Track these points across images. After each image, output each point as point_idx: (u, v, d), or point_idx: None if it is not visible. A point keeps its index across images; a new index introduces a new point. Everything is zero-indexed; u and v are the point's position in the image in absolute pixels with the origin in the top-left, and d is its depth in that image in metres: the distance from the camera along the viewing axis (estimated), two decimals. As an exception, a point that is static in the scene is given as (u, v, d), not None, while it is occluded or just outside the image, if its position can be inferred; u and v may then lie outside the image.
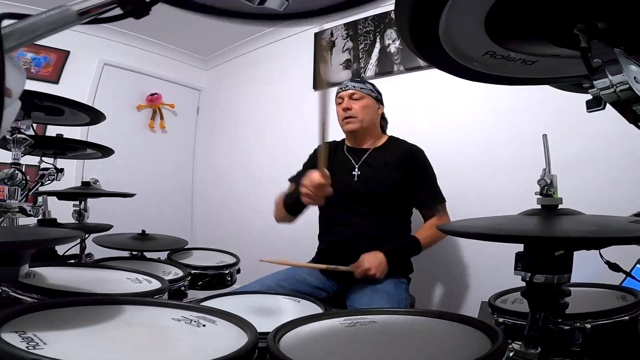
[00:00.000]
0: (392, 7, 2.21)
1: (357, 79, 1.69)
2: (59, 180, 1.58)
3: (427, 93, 2.16)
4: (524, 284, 0.67)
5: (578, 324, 0.77)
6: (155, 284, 1.03)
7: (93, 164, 2.73)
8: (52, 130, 2.15)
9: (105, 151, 1.63)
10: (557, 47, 0.57)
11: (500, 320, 0.88)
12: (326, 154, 1.15)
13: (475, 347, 0.60)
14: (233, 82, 3.32)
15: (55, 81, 2.69)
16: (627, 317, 0.80)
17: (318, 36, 2.70)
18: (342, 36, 2.57)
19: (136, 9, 0.45)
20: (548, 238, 0.62)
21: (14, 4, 2.35)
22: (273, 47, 3.03)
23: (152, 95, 3.19)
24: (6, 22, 0.39)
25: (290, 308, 1.04)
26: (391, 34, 2.34)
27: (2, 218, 1.15)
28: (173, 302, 0.79)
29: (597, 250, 0.80)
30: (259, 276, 1.54)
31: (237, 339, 0.62)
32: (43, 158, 1.57)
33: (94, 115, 1.48)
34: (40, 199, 1.49)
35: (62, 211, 1.64)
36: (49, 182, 1.55)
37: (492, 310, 0.91)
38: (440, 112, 2.11)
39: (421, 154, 1.57)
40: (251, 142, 3.09)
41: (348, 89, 1.59)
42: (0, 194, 1.90)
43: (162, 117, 3.26)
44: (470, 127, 1.99)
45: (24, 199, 1.28)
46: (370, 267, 1.33)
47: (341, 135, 1.70)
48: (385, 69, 2.35)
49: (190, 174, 3.50)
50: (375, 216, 1.50)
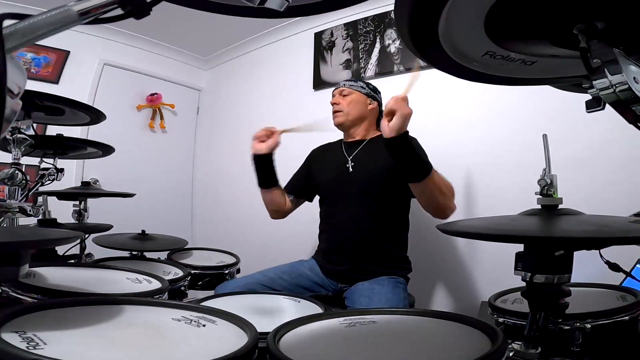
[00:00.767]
0: (392, 7, 2.21)
1: (352, 79, 1.74)
2: (59, 180, 1.58)
3: (427, 93, 2.16)
4: (524, 284, 0.67)
5: (578, 324, 0.77)
6: (155, 284, 1.03)
7: (93, 164, 2.72)
8: (52, 130, 2.15)
9: (105, 149, 1.63)
10: (557, 48, 0.58)
11: (500, 320, 0.88)
12: None
13: (475, 347, 0.60)
14: (233, 82, 3.31)
15: (55, 81, 2.69)
16: (627, 317, 0.80)
17: (318, 36, 2.70)
18: (342, 36, 2.57)
19: (137, 9, 0.45)
20: (548, 238, 0.62)
21: (15, 4, 2.35)
22: (273, 47, 3.03)
23: (152, 95, 3.18)
24: (7, 22, 0.39)
25: (290, 308, 1.05)
26: (391, 34, 2.33)
27: (2, 218, 1.16)
28: (173, 302, 0.79)
29: (597, 250, 0.81)
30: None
31: (237, 339, 0.62)
32: (43, 158, 1.57)
33: (94, 115, 1.48)
34: (40, 199, 1.49)
35: (62, 211, 1.64)
36: (49, 182, 1.55)
37: (492, 310, 0.91)
38: (440, 112, 2.11)
39: (413, 141, 1.48)
40: (251, 142, 3.09)
41: (339, 87, 1.68)
42: (0, 194, 1.90)
43: (162, 117, 3.26)
44: (470, 127, 1.99)
45: (24, 199, 1.28)
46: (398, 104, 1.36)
47: (338, 135, 1.72)
48: (385, 69, 2.34)
49: (190, 174, 3.50)
50: (372, 206, 1.50)
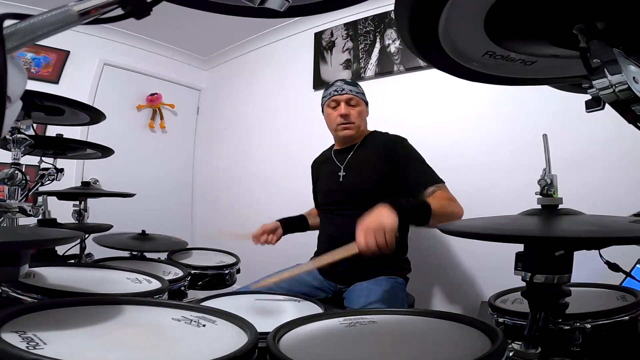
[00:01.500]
0: (392, 7, 2.21)
1: (349, 80, 1.57)
2: (59, 180, 1.58)
3: (427, 93, 2.16)
4: (524, 284, 0.67)
5: (578, 324, 0.77)
6: (155, 284, 1.03)
7: (93, 164, 2.73)
8: (52, 130, 2.15)
9: (105, 151, 1.63)
10: (557, 48, 0.58)
11: (500, 320, 0.88)
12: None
13: (475, 347, 0.60)
14: (233, 82, 3.32)
15: (55, 81, 2.69)
16: (627, 317, 0.80)
17: (318, 36, 2.70)
18: (342, 36, 2.58)
19: (137, 9, 0.45)
20: (548, 238, 0.62)
21: (15, 4, 2.35)
22: (273, 47, 3.03)
23: (152, 95, 3.19)
24: (7, 22, 0.39)
25: (290, 308, 1.04)
26: (391, 34, 2.34)
27: (2, 218, 1.16)
28: (173, 302, 0.79)
29: (597, 250, 0.81)
30: (259, 276, 1.54)
31: (237, 339, 0.62)
32: (43, 158, 1.57)
33: (94, 115, 1.48)
34: (40, 199, 1.49)
35: (62, 211, 1.64)
36: (49, 182, 1.55)
37: (492, 310, 0.91)
38: (440, 112, 2.11)
39: (402, 143, 1.49)
40: (251, 142, 3.09)
41: (345, 94, 1.52)
42: (0, 194, 1.90)
43: (162, 117, 3.26)
44: (470, 127, 1.99)
45: (24, 199, 1.28)
46: (368, 226, 1.02)
47: (329, 143, 1.72)
48: (385, 69, 2.35)
49: (190, 174, 3.50)
50: (364, 212, 1.46)
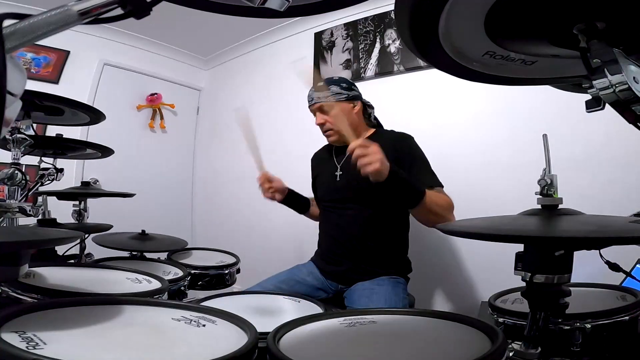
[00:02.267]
0: (392, 7, 2.21)
1: (319, 84, 1.53)
2: (59, 180, 1.58)
3: (427, 93, 2.16)
4: (524, 284, 0.67)
5: (578, 324, 0.77)
6: (155, 284, 1.03)
7: (93, 164, 2.73)
8: (52, 130, 2.15)
9: (105, 151, 1.63)
10: (557, 47, 0.58)
11: (500, 320, 0.88)
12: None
13: (475, 347, 0.60)
14: (233, 82, 3.32)
15: (55, 81, 2.69)
16: (627, 317, 0.80)
17: (318, 36, 2.70)
18: (342, 36, 2.58)
19: (137, 9, 0.45)
20: (548, 238, 0.62)
21: (15, 4, 2.35)
22: (273, 47, 3.03)
23: (152, 95, 3.19)
24: (7, 22, 0.39)
25: (290, 308, 1.05)
26: (391, 34, 2.34)
27: (2, 218, 1.15)
28: (173, 302, 0.79)
29: (597, 250, 0.81)
30: (258, 276, 1.54)
31: (237, 339, 0.62)
32: (43, 158, 1.57)
33: (94, 115, 1.48)
34: (40, 199, 1.49)
35: (62, 211, 1.64)
36: (48, 182, 1.55)
37: (492, 310, 0.91)
38: (440, 112, 2.11)
39: (408, 141, 1.49)
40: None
41: (314, 103, 1.52)
42: (0, 194, 1.90)
43: (162, 117, 3.26)
44: (470, 127, 1.99)
45: (24, 199, 1.28)
46: (369, 148, 1.14)
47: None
48: (385, 69, 2.35)
49: (190, 174, 3.50)
50: (364, 212, 1.47)
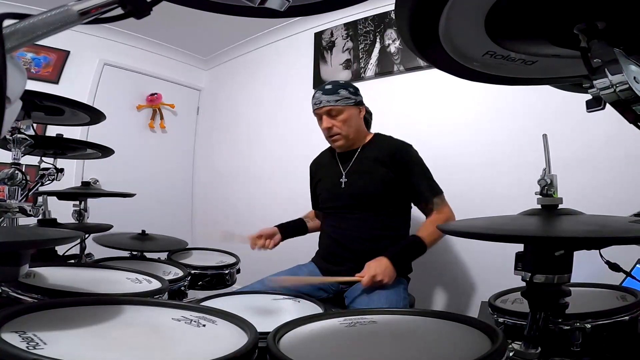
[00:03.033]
0: (392, 7, 2.22)
1: (328, 87, 1.50)
2: (59, 180, 1.58)
3: (427, 93, 2.16)
4: (524, 284, 0.67)
5: (578, 324, 0.77)
6: (155, 284, 1.03)
7: (93, 164, 2.73)
8: (52, 130, 2.15)
9: (105, 151, 1.63)
10: (557, 47, 0.58)
11: (500, 320, 0.88)
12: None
13: (475, 347, 0.60)
14: (233, 82, 3.32)
15: (55, 81, 2.69)
16: (627, 317, 0.80)
17: (318, 36, 2.70)
18: (342, 36, 2.58)
19: (137, 9, 0.45)
20: (548, 238, 0.62)
21: (15, 4, 2.35)
22: (273, 47, 3.03)
23: (152, 95, 3.19)
24: (7, 22, 0.39)
25: (290, 308, 1.04)
26: (391, 34, 2.34)
27: (2, 218, 1.15)
28: (173, 302, 0.79)
29: (597, 250, 0.81)
30: (259, 276, 1.54)
31: (237, 339, 0.62)
32: (43, 158, 1.57)
33: (94, 115, 1.48)
34: (40, 199, 1.49)
35: (62, 211, 1.64)
36: (49, 182, 1.55)
37: (492, 310, 0.91)
38: (440, 112, 2.11)
39: (407, 150, 1.51)
40: (251, 142, 3.09)
41: (322, 107, 1.48)
42: (0, 194, 1.90)
43: (162, 117, 3.26)
44: (470, 127, 1.99)
45: (24, 199, 1.28)
46: (376, 274, 1.29)
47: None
48: (385, 69, 2.35)
49: (190, 174, 3.50)
50: (365, 218, 1.49)
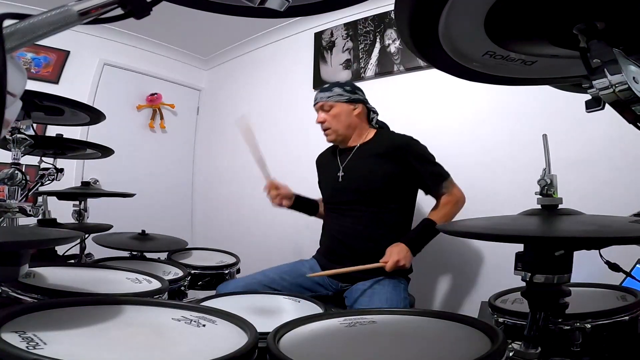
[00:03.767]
0: (392, 7, 2.21)
1: (325, 86, 1.64)
2: (59, 180, 1.58)
3: (427, 93, 2.16)
4: (524, 284, 0.67)
5: (578, 324, 0.77)
6: (155, 284, 1.03)
7: (93, 164, 2.72)
8: (52, 130, 2.15)
9: (105, 151, 1.63)
10: (557, 48, 0.58)
11: (500, 320, 0.88)
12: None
13: (475, 347, 0.60)
14: (233, 82, 3.32)
15: (55, 81, 2.69)
16: (627, 317, 0.80)
17: (318, 36, 2.70)
18: (342, 36, 2.57)
19: (137, 9, 0.45)
20: (548, 238, 0.62)
21: (15, 4, 2.35)
22: (273, 47, 3.03)
23: (152, 95, 3.18)
24: (7, 22, 0.39)
25: (290, 308, 1.05)
26: (391, 34, 2.33)
27: (2, 218, 1.15)
28: (173, 302, 0.79)
29: (597, 250, 0.81)
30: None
31: (237, 339, 0.62)
32: (43, 158, 1.57)
33: (94, 115, 1.48)
34: (40, 199, 1.49)
35: (62, 211, 1.64)
36: (49, 182, 1.55)
37: (492, 310, 0.91)
38: (440, 112, 2.11)
39: (408, 142, 1.53)
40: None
41: (317, 102, 1.61)
42: (0, 194, 1.90)
43: (162, 117, 3.26)
44: (470, 127, 1.99)
45: (24, 199, 1.28)
46: (399, 259, 1.35)
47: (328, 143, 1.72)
48: (385, 69, 2.35)
49: (190, 174, 3.50)
50: (365, 213, 1.50)
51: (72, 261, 1.56)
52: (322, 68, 2.66)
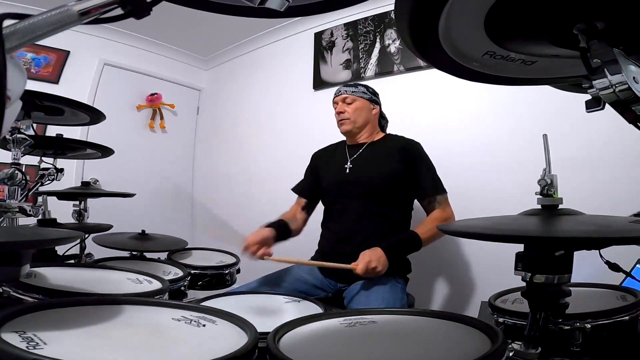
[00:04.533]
0: (392, 7, 2.21)
1: (350, 83, 1.73)
2: (59, 180, 1.58)
3: (427, 93, 2.16)
4: (524, 284, 0.67)
5: (578, 324, 0.77)
6: (156, 284, 1.03)
7: (93, 164, 2.72)
8: (52, 130, 2.15)
9: (105, 151, 1.63)
10: (557, 48, 0.58)
11: (500, 320, 0.88)
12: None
13: (475, 347, 0.60)
14: (233, 82, 3.32)
15: (55, 81, 2.69)
16: (627, 317, 0.80)
17: (318, 36, 2.70)
18: (342, 36, 2.57)
19: (137, 9, 0.45)
20: (548, 238, 0.62)
21: (15, 4, 2.35)
22: (273, 47, 3.03)
23: (152, 95, 3.18)
24: (7, 22, 0.39)
25: (290, 308, 1.05)
26: (391, 34, 2.34)
27: (2, 218, 1.15)
28: (173, 302, 0.79)
29: (597, 250, 0.81)
30: (258, 276, 1.54)
31: (237, 339, 0.62)
32: (43, 158, 1.57)
33: (94, 115, 1.48)
34: (40, 199, 1.49)
35: (62, 211, 1.64)
36: (49, 182, 1.55)
37: (492, 310, 0.91)
38: (440, 112, 2.11)
39: (417, 146, 1.58)
40: (251, 142, 3.09)
41: (340, 94, 1.66)
42: (0, 194, 1.90)
43: (162, 117, 3.26)
44: (470, 127, 1.99)
45: (24, 199, 1.28)
46: (370, 260, 1.30)
47: (340, 137, 1.72)
48: (385, 69, 2.35)
49: (190, 174, 3.50)
50: (368, 209, 1.51)
51: (72, 261, 1.56)
52: (322, 68, 2.66)
